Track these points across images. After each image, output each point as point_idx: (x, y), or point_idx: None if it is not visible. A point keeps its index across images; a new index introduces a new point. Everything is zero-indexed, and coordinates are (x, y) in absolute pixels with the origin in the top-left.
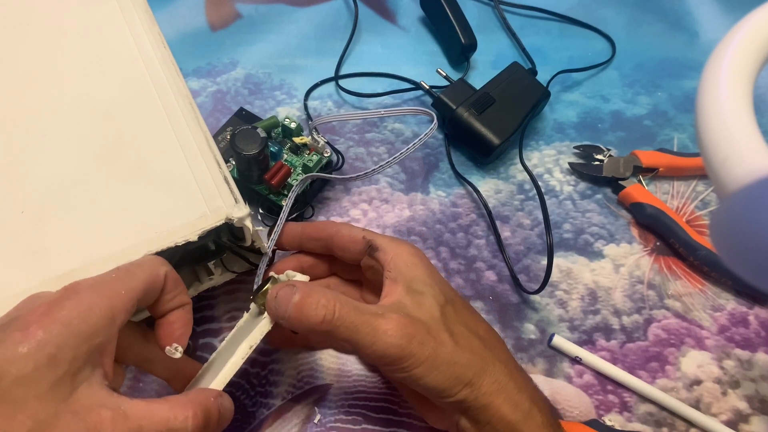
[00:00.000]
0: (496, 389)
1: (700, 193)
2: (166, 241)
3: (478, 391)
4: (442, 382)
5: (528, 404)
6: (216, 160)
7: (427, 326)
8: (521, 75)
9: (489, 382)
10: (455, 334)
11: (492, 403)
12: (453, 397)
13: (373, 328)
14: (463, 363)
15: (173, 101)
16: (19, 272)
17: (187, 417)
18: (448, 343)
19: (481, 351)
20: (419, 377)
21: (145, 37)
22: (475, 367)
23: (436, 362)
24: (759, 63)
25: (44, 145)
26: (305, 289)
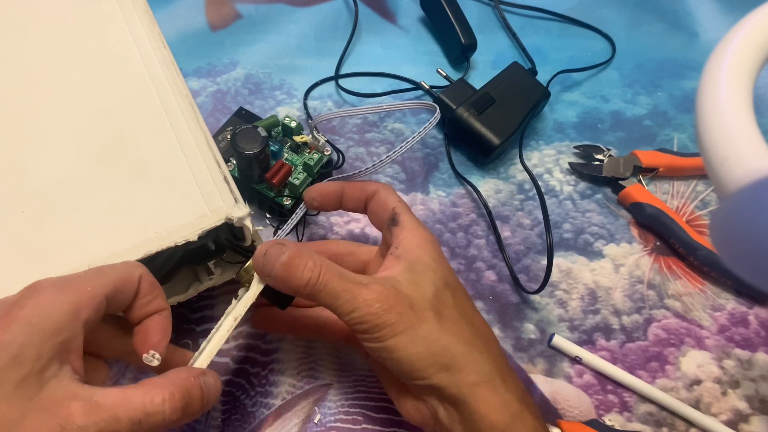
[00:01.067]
0: (479, 381)
1: (700, 193)
2: (166, 241)
3: (458, 377)
4: (417, 359)
5: (518, 406)
6: (216, 159)
7: (412, 301)
8: (521, 75)
9: (472, 371)
10: (443, 315)
11: (474, 395)
12: (428, 379)
13: (354, 296)
14: (443, 343)
15: (173, 101)
16: (19, 272)
17: (164, 399)
18: (432, 321)
19: (469, 338)
20: (393, 349)
21: (145, 37)
22: (456, 352)
23: (414, 336)
24: (759, 63)
25: (44, 145)
26: (294, 249)
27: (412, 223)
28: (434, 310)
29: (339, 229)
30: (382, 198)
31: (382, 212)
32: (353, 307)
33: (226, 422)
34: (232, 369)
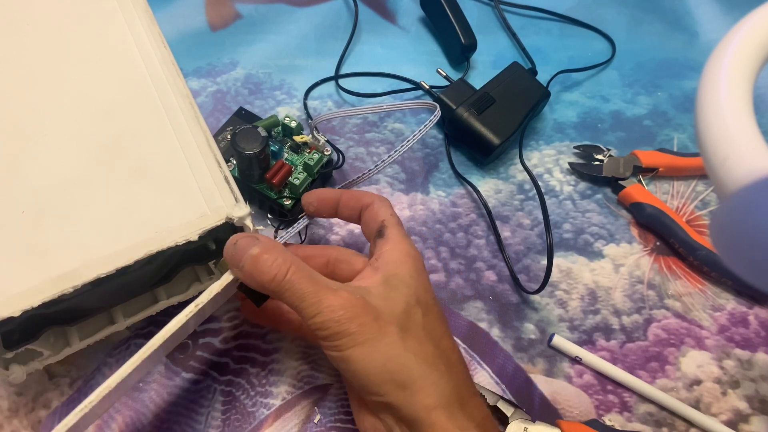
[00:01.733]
0: (436, 404)
1: (700, 193)
2: (166, 240)
3: (414, 398)
4: (373, 374)
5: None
6: (216, 159)
7: (379, 314)
8: (521, 75)
9: (429, 392)
10: (408, 333)
11: (430, 419)
12: (383, 396)
13: (319, 299)
14: (402, 361)
15: (173, 101)
16: (20, 272)
17: None
18: (394, 336)
19: (432, 359)
20: (350, 360)
21: (145, 37)
22: (415, 371)
23: (373, 350)
24: (759, 63)
25: (44, 145)
26: (267, 244)
27: (398, 237)
28: (400, 326)
29: (339, 229)
30: (375, 209)
31: (372, 223)
32: (317, 310)
33: (226, 422)
34: (232, 369)
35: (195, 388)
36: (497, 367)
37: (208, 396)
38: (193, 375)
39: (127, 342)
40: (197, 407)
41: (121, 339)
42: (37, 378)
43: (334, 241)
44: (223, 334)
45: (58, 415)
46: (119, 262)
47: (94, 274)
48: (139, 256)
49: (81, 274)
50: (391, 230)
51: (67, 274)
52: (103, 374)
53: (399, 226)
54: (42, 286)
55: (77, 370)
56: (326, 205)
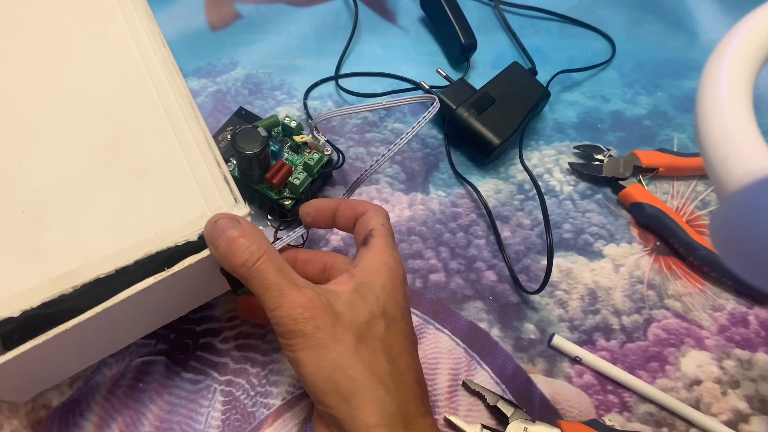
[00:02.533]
0: (378, 423)
1: (700, 193)
2: (166, 240)
3: (355, 414)
4: (320, 381)
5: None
6: (216, 159)
7: (339, 320)
8: (521, 75)
9: (371, 410)
10: (363, 344)
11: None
12: (327, 407)
13: (282, 293)
14: (349, 372)
15: (173, 101)
16: (19, 272)
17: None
18: (347, 345)
19: (381, 375)
20: (301, 363)
21: (145, 37)
22: (360, 384)
23: (323, 356)
24: (759, 63)
25: (44, 145)
26: (246, 228)
27: (381, 247)
28: (357, 335)
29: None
30: (367, 218)
31: (361, 231)
32: (278, 304)
33: (226, 422)
34: (232, 369)
35: (195, 388)
36: (497, 367)
37: (208, 396)
38: (193, 375)
39: None
40: (197, 407)
41: None
42: None
43: (334, 242)
44: (223, 334)
45: (58, 415)
46: (119, 263)
47: (94, 274)
48: (138, 256)
49: (81, 274)
50: (376, 240)
51: (67, 274)
52: (103, 374)
53: (386, 236)
54: (42, 287)
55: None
56: (323, 214)
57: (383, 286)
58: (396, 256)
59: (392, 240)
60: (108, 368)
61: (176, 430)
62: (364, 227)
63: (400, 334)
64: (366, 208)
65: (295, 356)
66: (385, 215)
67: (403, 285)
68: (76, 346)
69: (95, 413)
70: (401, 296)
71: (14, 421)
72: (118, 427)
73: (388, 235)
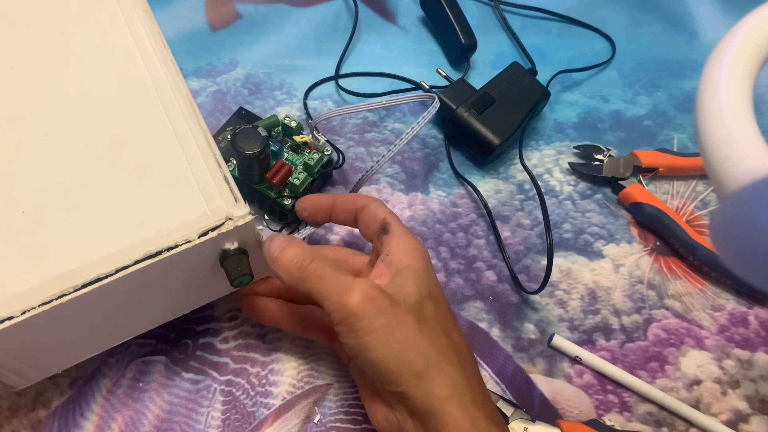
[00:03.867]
0: (449, 394)
1: (700, 193)
2: (166, 240)
3: (428, 388)
4: (390, 361)
5: (486, 423)
6: (216, 159)
7: (395, 302)
8: (521, 75)
9: (443, 382)
10: (423, 322)
11: (443, 410)
12: (399, 385)
13: (339, 283)
14: (419, 349)
15: (173, 100)
16: (20, 272)
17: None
18: (411, 324)
19: (445, 349)
20: (368, 347)
21: (145, 37)
22: (430, 359)
23: (391, 337)
24: (759, 63)
25: (45, 145)
26: (296, 240)
27: (404, 232)
28: (415, 315)
29: (339, 229)
30: (372, 210)
31: (373, 223)
32: (337, 292)
33: (226, 422)
34: (232, 369)
35: (195, 388)
36: (497, 367)
37: (208, 396)
38: (193, 375)
39: (127, 342)
40: (197, 407)
41: None
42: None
43: (334, 241)
44: (223, 334)
45: (58, 415)
46: (119, 262)
47: (94, 273)
48: (139, 256)
49: (81, 273)
50: (395, 226)
51: (68, 274)
52: (103, 374)
53: (400, 222)
54: (42, 286)
55: (77, 370)
56: (320, 209)
57: (422, 268)
58: (418, 239)
59: (404, 224)
60: (108, 368)
61: (176, 430)
62: (374, 218)
63: (447, 311)
64: (366, 201)
65: (361, 342)
66: (384, 204)
67: (432, 266)
68: (71, 328)
69: (95, 413)
70: (435, 276)
71: (14, 421)
72: (118, 427)
73: (400, 220)
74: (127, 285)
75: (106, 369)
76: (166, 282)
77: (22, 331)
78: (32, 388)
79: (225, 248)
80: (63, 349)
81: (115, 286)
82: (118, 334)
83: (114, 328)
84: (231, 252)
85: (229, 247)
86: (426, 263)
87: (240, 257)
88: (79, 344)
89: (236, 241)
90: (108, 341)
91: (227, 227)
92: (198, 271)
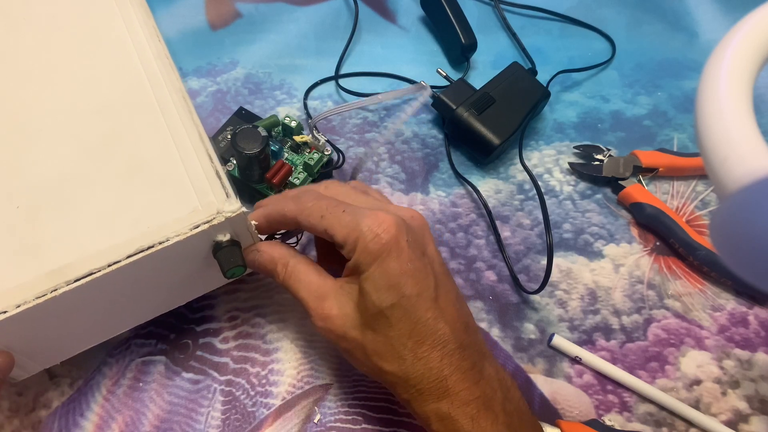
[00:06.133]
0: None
1: (700, 193)
2: (157, 236)
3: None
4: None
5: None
6: (208, 154)
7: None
8: (521, 75)
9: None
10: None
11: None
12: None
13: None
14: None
15: (167, 95)
16: (13, 267)
17: None
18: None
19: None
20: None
21: (141, 31)
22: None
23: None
24: (759, 63)
25: (40, 141)
26: (273, 244)
27: (351, 229)
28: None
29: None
30: (306, 224)
31: (321, 234)
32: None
33: (226, 422)
34: (232, 369)
35: (195, 388)
36: None
37: (208, 396)
38: (193, 375)
39: (127, 342)
40: (197, 407)
41: (122, 339)
42: (38, 378)
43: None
44: (223, 334)
45: (58, 415)
46: (110, 258)
47: (87, 269)
48: (131, 251)
49: (74, 269)
50: (338, 230)
51: (61, 269)
52: (103, 374)
53: (341, 218)
54: (35, 281)
55: (77, 370)
56: (261, 227)
57: (381, 274)
58: (374, 219)
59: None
60: (108, 368)
61: (176, 430)
62: (314, 229)
63: (447, 280)
64: (292, 208)
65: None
66: (312, 198)
67: (402, 245)
68: (67, 321)
69: (95, 413)
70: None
71: (15, 421)
72: (118, 426)
73: (339, 215)
74: (120, 279)
75: (106, 369)
76: (159, 275)
77: (17, 324)
78: (32, 388)
79: (217, 240)
80: (60, 340)
81: (108, 280)
82: (115, 325)
83: (110, 320)
84: (223, 243)
85: (221, 239)
86: (388, 260)
87: (232, 249)
88: (77, 336)
89: (229, 232)
90: (105, 333)
91: (218, 219)
92: (192, 263)
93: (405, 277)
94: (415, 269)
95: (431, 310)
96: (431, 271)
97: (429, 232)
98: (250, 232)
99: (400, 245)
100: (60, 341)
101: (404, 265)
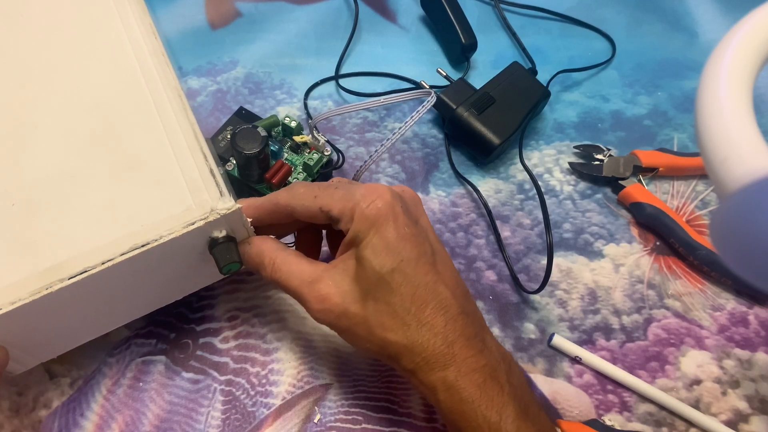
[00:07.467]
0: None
1: (700, 193)
2: (151, 233)
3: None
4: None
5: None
6: (203, 152)
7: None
8: (521, 75)
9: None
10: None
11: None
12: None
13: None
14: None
15: (162, 93)
16: (8, 264)
17: None
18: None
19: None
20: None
21: (137, 28)
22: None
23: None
24: (759, 63)
25: (36, 138)
26: (262, 239)
27: (348, 204)
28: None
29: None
30: (300, 209)
31: (315, 219)
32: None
33: (226, 422)
34: (232, 369)
35: (195, 388)
36: None
37: (208, 396)
38: (193, 375)
39: (127, 342)
40: (197, 407)
41: (121, 338)
42: (38, 378)
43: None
44: (223, 333)
45: (59, 415)
46: (105, 255)
47: (81, 266)
48: (124, 249)
49: (68, 266)
50: (336, 205)
51: (55, 267)
52: (103, 374)
53: (336, 193)
54: (30, 279)
55: (77, 370)
56: (254, 221)
57: (385, 242)
58: (373, 192)
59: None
60: (108, 368)
61: (176, 429)
62: (310, 213)
63: (444, 260)
64: (286, 199)
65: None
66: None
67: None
68: (63, 316)
69: (95, 413)
70: (410, 229)
71: (15, 421)
72: (118, 426)
73: (333, 191)
74: (114, 276)
75: (106, 369)
76: (155, 271)
77: (12, 321)
78: (32, 387)
79: (213, 236)
80: (56, 336)
81: (103, 277)
82: (111, 320)
83: (106, 315)
84: (219, 240)
85: (217, 235)
86: (392, 226)
87: (228, 245)
88: (73, 331)
89: (224, 229)
90: (101, 327)
91: (212, 217)
92: (187, 259)
93: (403, 241)
94: (411, 234)
95: (431, 273)
96: (426, 238)
97: (421, 206)
98: (246, 228)
99: (395, 211)
100: (56, 336)
101: (401, 230)
